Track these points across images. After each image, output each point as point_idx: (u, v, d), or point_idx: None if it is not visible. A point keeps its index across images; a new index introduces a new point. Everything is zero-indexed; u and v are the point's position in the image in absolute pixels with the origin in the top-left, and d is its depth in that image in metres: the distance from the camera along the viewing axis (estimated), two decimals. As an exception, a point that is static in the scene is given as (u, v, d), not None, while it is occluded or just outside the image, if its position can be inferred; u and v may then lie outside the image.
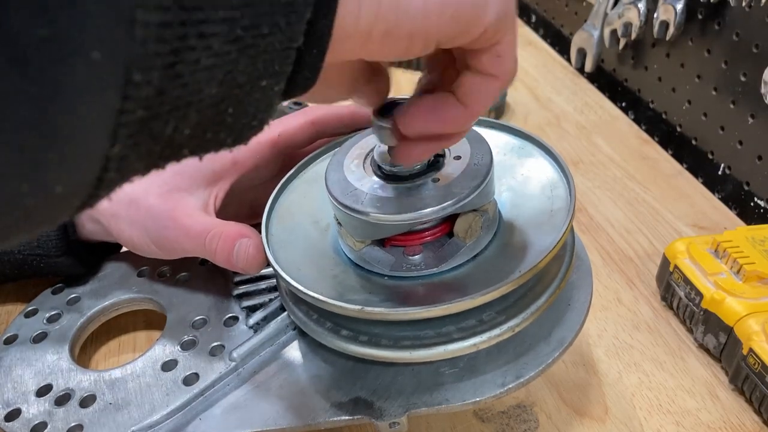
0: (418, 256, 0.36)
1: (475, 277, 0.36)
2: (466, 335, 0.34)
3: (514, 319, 0.35)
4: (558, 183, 0.39)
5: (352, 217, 0.35)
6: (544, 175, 0.40)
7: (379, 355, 0.35)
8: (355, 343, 0.35)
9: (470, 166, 0.35)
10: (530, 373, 0.36)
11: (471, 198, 0.34)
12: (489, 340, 0.34)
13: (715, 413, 0.45)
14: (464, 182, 0.35)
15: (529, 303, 0.35)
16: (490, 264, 0.36)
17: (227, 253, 0.39)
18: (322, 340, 0.37)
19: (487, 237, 0.37)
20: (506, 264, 0.36)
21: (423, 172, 0.35)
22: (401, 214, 0.34)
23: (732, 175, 0.70)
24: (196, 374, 0.40)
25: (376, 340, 0.35)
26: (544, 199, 0.39)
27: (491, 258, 0.37)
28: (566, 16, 1.00)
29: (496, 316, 0.35)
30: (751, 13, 0.65)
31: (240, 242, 0.39)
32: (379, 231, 0.35)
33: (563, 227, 0.35)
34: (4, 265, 0.46)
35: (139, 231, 0.43)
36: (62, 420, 0.38)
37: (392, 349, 0.34)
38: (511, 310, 0.35)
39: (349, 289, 0.36)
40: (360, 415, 0.36)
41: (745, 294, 0.48)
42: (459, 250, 0.36)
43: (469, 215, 0.36)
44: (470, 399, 0.36)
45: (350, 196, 0.35)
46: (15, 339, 0.44)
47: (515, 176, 0.41)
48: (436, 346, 0.34)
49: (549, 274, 0.37)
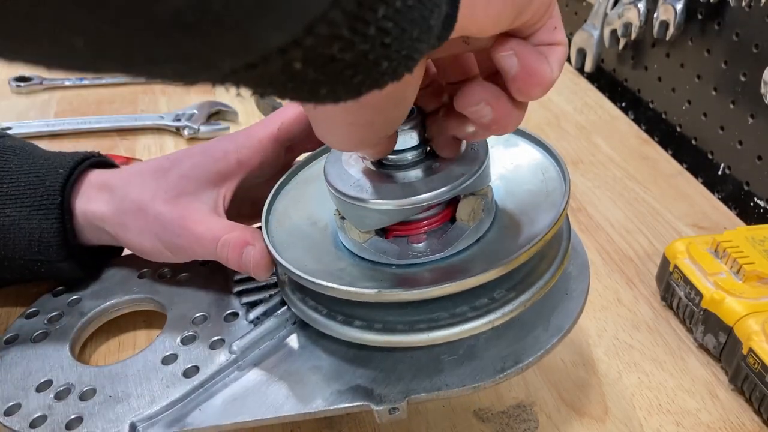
0: (423, 244, 0.37)
1: (481, 258, 0.36)
2: (480, 314, 0.35)
3: (524, 294, 0.36)
4: (549, 167, 0.40)
5: (355, 207, 0.35)
6: (533, 161, 0.41)
7: (396, 341, 0.35)
8: (371, 332, 0.36)
9: (467, 152, 0.36)
10: (529, 359, 0.37)
11: (472, 180, 0.35)
12: (503, 317, 0.35)
13: (715, 413, 0.45)
14: (464, 166, 0.35)
15: (536, 279, 0.36)
16: (494, 245, 0.37)
17: (237, 260, 0.40)
18: (334, 333, 0.37)
19: (488, 220, 0.38)
20: (511, 243, 0.36)
21: (422, 160, 0.36)
22: (406, 199, 0.34)
23: (732, 175, 0.70)
24: (196, 367, 0.40)
25: (390, 327, 0.35)
26: (537, 183, 0.40)
27: (494, 240, 0.37)
28: (566, 16, 1.00)
29: (506, 293, 0.36)
30: (751, 13, 0.65)
31: (245, 250, 0.40)
32: (383, 218, 0.36)
33: (562, 202, 0.36)
34: (5, 270, 0.46)
35: (150, 239, 0.43)
36: (62, 413, 0.38)
37: (408, 333, 0.35)
38: (521, 286, 0.36)
39: (358, 280, 0.36)
40: (359, 402, 0.36)
41: (745, 294, 0.48)
42: (463, 233, 0.36)
43: (470, 198, 0.36)
44: (470, 384, 0.36)
45: (353, 187, 0.36)
46: (15, 339, 0.44)
47: (505, 165, 0.42)
48: (452, 327, 0.35)
49: (552, 250, 0.38)
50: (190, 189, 0.43)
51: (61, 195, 0.45)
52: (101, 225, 0.45)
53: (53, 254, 0.45)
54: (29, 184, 0.45)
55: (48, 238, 0.44)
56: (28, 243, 0.45)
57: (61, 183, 0.45)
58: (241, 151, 0.44)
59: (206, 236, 0.41)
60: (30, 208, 0.44)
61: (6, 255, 0.45)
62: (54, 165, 0.46)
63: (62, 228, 0.45)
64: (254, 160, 0.45)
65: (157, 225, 0.42)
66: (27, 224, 0.44)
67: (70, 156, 0.47)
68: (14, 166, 0.46)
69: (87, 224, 0.45)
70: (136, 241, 0.44)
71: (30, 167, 0.46)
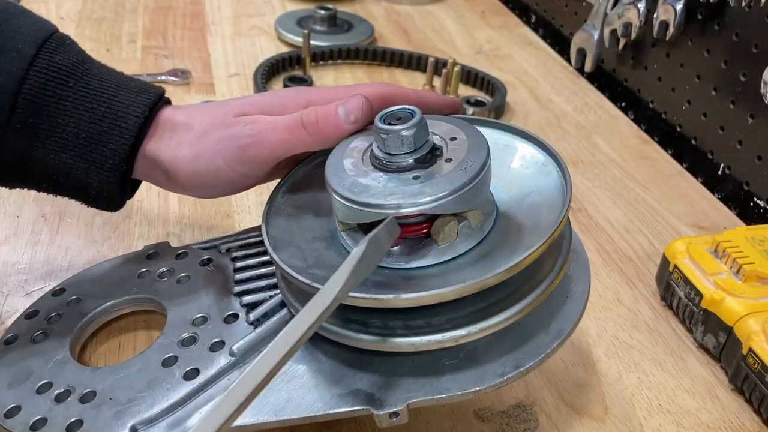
0: (396, 248, 0.37)
1: (478, 264, 0.36)
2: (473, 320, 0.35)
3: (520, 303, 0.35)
4: (550, 168, 0.40)
5: (333, 197, 0.37)
6: (534, 161, 0.41)
7: (388, 345, 0.35)
8: (365, 334, 0.35)
9: (455, 172, 0.35)
10: (530, 363, 0.36)
11: (442, 201, 0.34)
12: (498, 324, 0.35)
13: (715, 413, 0.45)
14: (442, 185, 0.35)
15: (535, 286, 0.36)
16: (492, 252, 0.37)
17: (333, 115, 0.39)
18: (331, 335, 0.37)
19: (465, 245, 0.37)
20: (510, 250, 0.36)
21: (411, 168, 0.36)
22: (370, 200, 0.35)
23: (732, 175, 0.70)
24: (197, 369, 0.40)
25: (385, 329, 0.35)
26: (539, 185, 0.39)
27: (493, 246, 0.37)
28: (566, 16, 1.00)
29: (502, 300, 0.36)
30: (750, 13, 0.65)
31: (346, 101, 0.40)
32: (349, 214, 0.36)
33: (562, 212, 0.36)
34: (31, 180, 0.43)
35: (212, 160, 0.41)
36: (62, 416, 0.38)
37: (403, 337, 0.35)
38: (518, 294, 0.36)
39: (324, 266, 0.37)
40: (360, 406, 0.36)
41: (745, 294, 0.48)
42: (429, 251, 0.37)
43: (446, 218, 0.36)
44: (470, 388, 0.36)
45: (335, 178, 0.37)
46: (15, 339, 0.44)
47: (506, 166, 0.41)
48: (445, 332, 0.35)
49: (552, 256, 0.38)
50: (251, 112, 0.42)
51: (126, 163, 0.41)
52: (163, 166, 0.42)
53: (104, 206, 0.44)
54: (90, 138, 0.41)
55: (104, 195, 0.43)
56: (79, 189, 0.43)
57: (126, 149, 0.41)
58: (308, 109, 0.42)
59: (283, 120, 0.40)
60: (89, 164, 0.41)
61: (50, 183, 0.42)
62: (119, 114, 0.41)
63: (122, 190, 0.43)
64: None
65: (224, 140, 0.41)
66: (84, 176, 0.41)
67: (134, 101, 0.42)
68: (69, 105, 0.40)
69: (145, 163, 0.43)
70: (200, 167, 0.42)
71: (90, 113, 0.41)
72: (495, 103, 0.81)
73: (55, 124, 0.40)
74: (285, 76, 0.85)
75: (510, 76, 0.91)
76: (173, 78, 0.82)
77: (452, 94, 0.83)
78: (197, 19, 1.00)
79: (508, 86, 0.86)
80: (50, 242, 0.56)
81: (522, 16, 1.12)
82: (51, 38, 0.41)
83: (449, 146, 0.37)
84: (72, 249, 0.56)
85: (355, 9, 1.07)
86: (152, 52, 0.89)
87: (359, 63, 0.92)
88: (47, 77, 0.40)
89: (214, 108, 0.43)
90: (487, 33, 1.04)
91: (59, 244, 0.56)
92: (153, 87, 0.43)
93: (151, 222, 0.60)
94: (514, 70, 0.93)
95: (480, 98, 0.80)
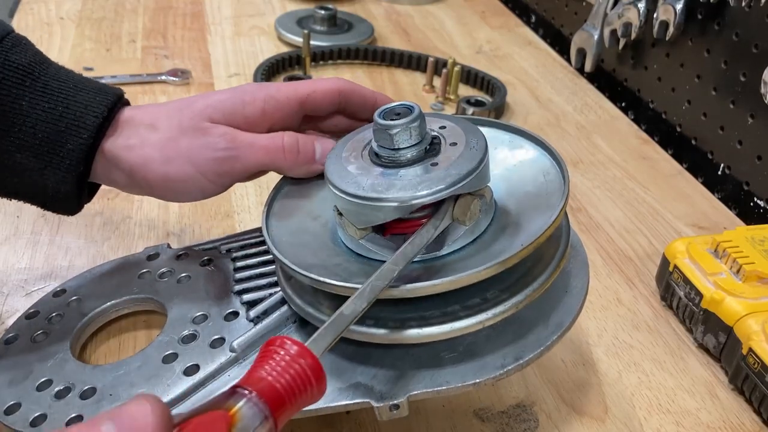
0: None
1: (476, 257, 0.36)
2: (472, 312, 0.35)
3: (519, 295, 0.36)
4: (549, 168, 0.40)
5: (353, 203, 0.36)
6: (534, 161, 0.41)
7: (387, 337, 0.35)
8: (362, 326, 0.35)
9: (466, 151, 0.36)
10: (529, 355, 0.36)
11: (469, 179, 0.35)
12: (495, 317, 0.35)
13: (715, 413, 0.45)
14: (462, 165, 0.35)
15: (533, 279, 0.36)
16: (490, 245, 0.37)
17: (311, 151, 0.42)
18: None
19: (485, 220, 0.38)
20: (507, 243, 0.36)
21: (421, 158, 0.36)
22: (402, 197, 0.34)
23: (732, 175, 0.70)
24: (197, 365, 0.40)
25: (382, 322, 0.35)
26: (538, 183, 0.40)
27: (490, 240, 0.37)
28: (566, 16, 1.00)
29: (500, 293, 0.36)
30: (750, 13, 0.65)
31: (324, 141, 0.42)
32: (379, 215, 0.36)
33: (559, 204, 0.36)
34: None
35: (183, 166, 0.41)
36: (62, 412, 0.38)
37: (399, 330, 0.35)
38: (517, 286, 0.36)
39: (353, 276, 0.36)
40: (360, 399, 0.36)
41: (745, 294, 0.48)
42: (458, 233, 0.37)
43: (467, 198, 0.36)
44: (470, 381, 0.36)
45: (351, 184, 0.36)
46: (15, 339, 0.44)
47: (506, 165, 0.42)
48: (443, 324, 0.35)
49: (550, 251, 0.38)
50: (216, 117, 0.42)
51: (84, 164, 0.40)
52: (124, 166, 0.41)
53: (60, 209, 0.43)
54: (47, 138, 0.40)
55: (61, 197, 0.41)
56: (35, 191, 0.41)
57: (84, 149, 0.40)
58: (268, 102, 0.43)
59: (261, 139, 0.41)
60: (45, 164, 0.40)
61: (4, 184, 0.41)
62: (77, 114, 0.40)
63: (79, 192, 0.41)
64: (277, 116, 0.43)
65: (194, 148, 0.41)
66: (40, 177, 0.40)
67: (92, 101, 0.41)
68: (26, 105, 0.39)
69: (104, 164, 0.42)
70: (163, 171, 0.41)
71: (47, 113, 0.40)
72: (495, 103, 0.81)
73: (11, 124, 0.39)
74: (285, 75, 0.85)
75: (510, 76, 0.91)
76: (173, 78, 0.82)
77: (452, 94, 0.83)
78: (197, 19, 1.00)
79: (508, 86, 0.86)
80: (50, 242, 0.56)
81: (522, 16, 1.12)
82: (7, 38, 0.40)
83: (444, 133, 0.38)
84: (72, 249, 0.56)
85: (355, 9, 1.07)
86: (152, 52, 0.89)
87: (359, 63, 0.92)
88: (2, 75, 0.39)
89: (178, 110, 0.42)
90: (487, 33, 1.04)
91: (59, 244, 0.56)
92: (112, 88, 0.43)
93: (151, 222, 0.60)
94: (514, 70, 0.93)
95: (480, 98, 0.80)
